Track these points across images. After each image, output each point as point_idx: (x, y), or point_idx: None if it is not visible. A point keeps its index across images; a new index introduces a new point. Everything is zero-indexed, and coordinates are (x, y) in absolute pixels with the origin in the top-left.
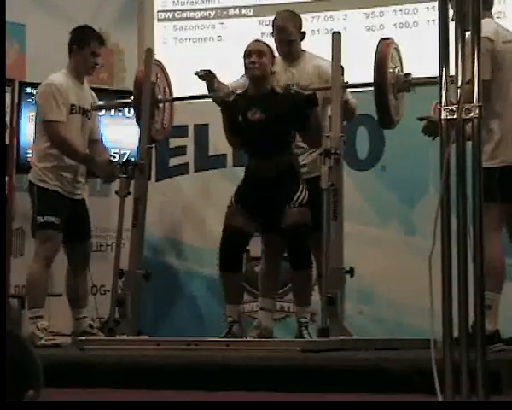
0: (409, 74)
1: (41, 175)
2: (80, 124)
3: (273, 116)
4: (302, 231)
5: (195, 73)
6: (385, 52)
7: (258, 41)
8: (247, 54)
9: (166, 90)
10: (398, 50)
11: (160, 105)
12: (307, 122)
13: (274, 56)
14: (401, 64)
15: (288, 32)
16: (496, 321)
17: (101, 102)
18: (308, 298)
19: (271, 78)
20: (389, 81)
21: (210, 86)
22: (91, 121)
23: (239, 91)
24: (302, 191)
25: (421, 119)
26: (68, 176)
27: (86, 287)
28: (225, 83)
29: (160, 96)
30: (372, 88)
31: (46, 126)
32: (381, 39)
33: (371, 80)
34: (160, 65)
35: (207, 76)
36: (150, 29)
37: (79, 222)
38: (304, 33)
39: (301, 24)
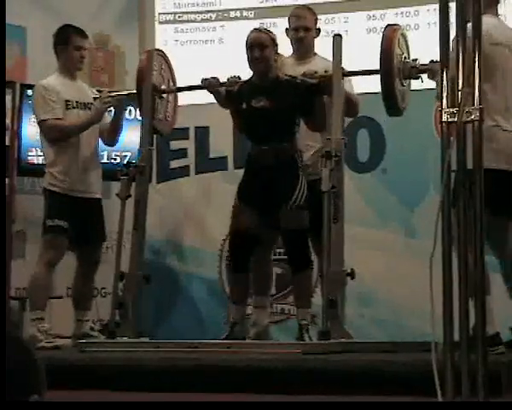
0: (416, 60)
1: (51, 179)
2: (80, 117)
3: (277, 103)
4: (300, 235)
5: (202, 81)
6: (391, 37)
7: (258, 31)
8: (249, 47)
9: (171, 82)
10: (405, 37)
11: (164, 96)
12: (312, 109)
13: (276, 43)
14: (408, 51)
15: (306, 18)
16: (494, 323)
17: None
18: (308, 300)
19: (276, 65)
20: (396, 66)
21: (217, 94)
22: None
23: (244, 79)
24: (301, 188)
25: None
26: (80, 175)
27: (92, 290)
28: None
29: (163, 87)
30: (375, 91)
31: (41, 127)
32: (388, 25)
33: (372, 82)
34: (163, 55)
35: (214, 86)
36: (151, 31)
37: (92, 225)
38: (319, 29)
39: (317, 20)
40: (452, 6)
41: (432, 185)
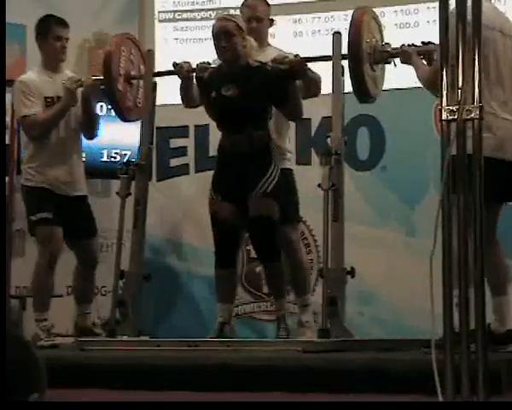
0: (387, 44)
1: (27, 175)
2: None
3: (248, 91)
4: (266, 224)
5: (173, 65)
6: (360, 20)
7: (224, 19)
8: (216, 36)
9: (141, 66)
10: (376, 20)
11: (134, 82)
12: (285, 96)
13: (243, 29)
14: (381, 34)
15: (258, 9)
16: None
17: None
18: (283, 290)
19: (245, 51)
20: (364, 50)
21: (187, 80)
22: (76, 108)
23: (214, 66)
24: (271, 174)
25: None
26: (58, 173)
27: (92, 285)
28: None
29: (133, 73)
30: None
31: (21, 124)
32: (358, 8)
33: None
34: (133, 40)
35: (186, 72)
36: (151, 30)
37: (79, 220)
38: (272, 20)
39: (269, 11)
40: (452, 3)
41: (432, 183)
